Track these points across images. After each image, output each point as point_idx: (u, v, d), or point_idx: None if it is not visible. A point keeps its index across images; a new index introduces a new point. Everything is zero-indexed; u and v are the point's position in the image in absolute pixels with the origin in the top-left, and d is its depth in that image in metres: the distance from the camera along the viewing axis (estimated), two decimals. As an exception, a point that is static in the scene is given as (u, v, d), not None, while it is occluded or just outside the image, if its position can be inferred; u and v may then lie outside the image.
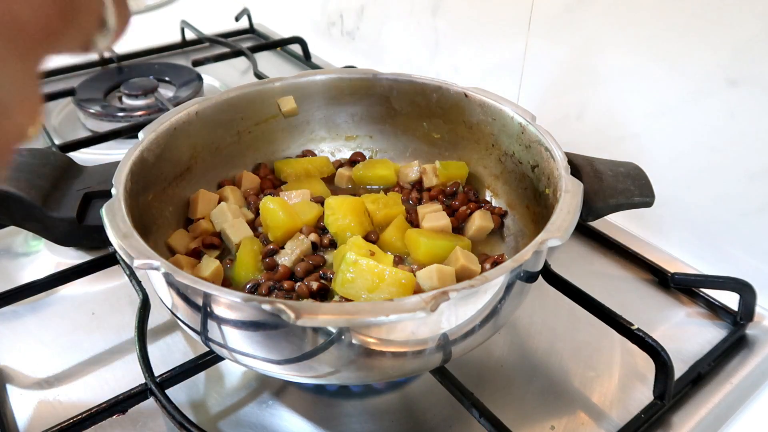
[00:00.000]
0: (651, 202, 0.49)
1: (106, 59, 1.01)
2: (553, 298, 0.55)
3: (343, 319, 0.32)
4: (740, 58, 0.52)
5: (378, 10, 0.95)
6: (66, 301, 0.57)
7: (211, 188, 0.57)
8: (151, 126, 0.50)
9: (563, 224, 0.39)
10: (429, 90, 0.58)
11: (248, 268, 0.48)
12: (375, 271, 0.43)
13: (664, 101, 0.60)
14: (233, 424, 0.46)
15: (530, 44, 0.72)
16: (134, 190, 0.44)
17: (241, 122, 0.58)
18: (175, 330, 0.54)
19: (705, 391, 0.49)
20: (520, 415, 0.46)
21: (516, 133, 0.52)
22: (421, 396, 0.48)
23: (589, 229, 0.65)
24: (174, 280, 0.35)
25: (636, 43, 0.60)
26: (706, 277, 0.58)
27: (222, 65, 1.00)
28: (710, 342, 0.53)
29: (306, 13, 1.13)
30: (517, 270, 0.37)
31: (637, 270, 0.61)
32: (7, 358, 0.51)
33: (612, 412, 0.47)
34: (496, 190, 0.57)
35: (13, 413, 0.47)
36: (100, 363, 0.51)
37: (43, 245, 0.64)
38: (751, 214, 0.56)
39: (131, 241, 0.37)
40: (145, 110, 0.85)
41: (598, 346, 0.53)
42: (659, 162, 0.61)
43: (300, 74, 0.60)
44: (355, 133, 0.64)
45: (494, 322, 0.40)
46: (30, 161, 0.46)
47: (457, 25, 0.82)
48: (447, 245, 0.50)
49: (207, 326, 0.37)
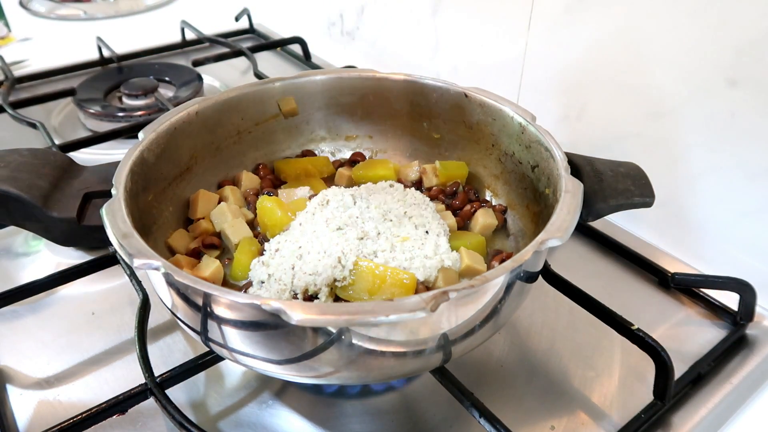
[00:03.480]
0: (651, 202, 0.49)
1: (106, 59, 1.01)
2: (553, 298, 0.55)
3: (343, 319, 0.32)
4: (740, 58, 0.52)
5: (378, 10, 0.95)
6: (66, 301, 0.57)
7: (211, 188, 0.57)
8: (151, 126, 0.50)
9: (563, 224, 0.39)
10: (429, 90, 0.58)
11: (245, 268, 0.48)
12: (376, 273, 0.43)
13: (664, 101, 0.60)
14: (233, 424, 0.46)
15: (530, 44, 0.72)
16: (134, 190, 0.44)
17: (241, 122, 0.58)
18: (175, 330, 0.54)
19: (705, 391, 0.49)
20: (520, 415, 0.46)
21: (516, 133, 0.52)
22: (421, 396, 0.48)
23: (589, 229, 0.65)
24: (174, 280, 0.35)
25: (636, 43, 0.60)
26: (706, 277, 0.58)
27: (222, 65, 1.00)
28: (710, 342, 0.53)
29: (306, 13, 1.13)
30: (517, 270, 0.37)
31: (637, 270, 0.61)
32: (7, 358, 0.51)
33: (612, 412, 0.47)
34: (496, 190, 0.57)
35: (13, 413, 0.47)
36: (100, 363, 0.51)
37: (43, 245, 0.64)
38: (751, 214, 0.56)
39: (131, 241, 0.37)
40: (145, 110, 0.85)
41: (598, 346, 0.53)
42: (659, 162, 0.61)
43: (300, 74, 0.60)
44: (355, 133, 0.64)
45: (494, 322, 0.40)
46: (30, 161, 0.46)
47: (457, 25, 0.82)
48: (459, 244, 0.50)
49: (207, 326, 0.37)
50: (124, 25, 1.25)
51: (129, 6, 1.30)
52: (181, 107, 0.53)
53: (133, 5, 1.31)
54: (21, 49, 1.12)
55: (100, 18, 1.27)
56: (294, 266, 0.45)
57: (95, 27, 1.22)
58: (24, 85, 0.96)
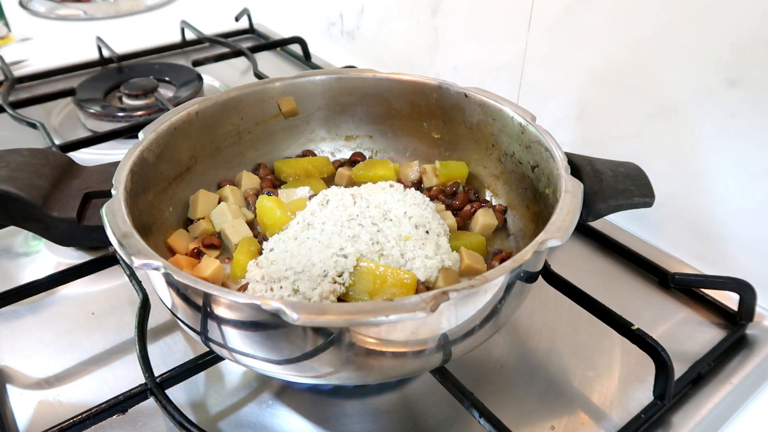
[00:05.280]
0: (651, 202, 0.49)
1: (106, 59, 1.01)
2: (553, 298, 0.55)
3: (343, 319, 0.32)
4: (740, 58, 0.52)
5: (378, 10, 0.95)
6: (66, 301, 0.57)
7: (211, 188, 0.57)
8: (151, 126, 0.50)
9: (563, 224, 0.39)
10: (429, 90, 0.58)
11: (245, 268, 0.48)
12: (377, 273, 0.43)
13: (664, 101, 0.60)
14: (233, 424, 0.46)
15: (530, 44, 0.72)
16: (134, 190, 0.44)
17: (241, 122, 0.58)
18: (175, 330, 0.54)
19: (705, 391, 0.49)
20: (520, 415, 0.46)
21: (516, 133, 0.52)
22: (421, 396, 0.48)
23: (589, 229, 0.65)
24: (174, 280, 0.35)
25: (636, 43, 0.60)
26: (706, 277, 0.58)
27: (222, 65, 1.00)
28: (710, 342, 0.53)
29: (306, 13, 1.13)
30: (517, 270, 0.37)
31: (637, 270, 0.61)
32: (7, 358, 0.51)
33: (612, 412, 0.47)
34: (496, 190, 0.57)
35: (13, 413, 0.47)
36: (100, 363, 0.51)
37: (43, 245, 0.64)
38: (751, 214, 0.56)
39: (131, 241, 0.37)
40: (145, 110, 0.85)
41: (598, 346, 0.53)
42: (659, 162, 0.61)
43: (300, 74, 0.60)
44: (355, 133, 0.64)
45: (494, 322, 0.40)
46: (30, 161, 0.46)
47: (457, 25, 0.82)
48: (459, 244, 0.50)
49: (207, 326, 0.37)
50: (124, 25, 1.25)
51: (129, 6, 1.30)
52: (181, 107, 0.53)
53: (133, 5, 1.31)
54: (21, 49, 1.12)
55: (100, 18, 1.27)
56: (290, 267, 0.44)
57: (95, 27, 1.22)
58: (24, 85, 0.96)
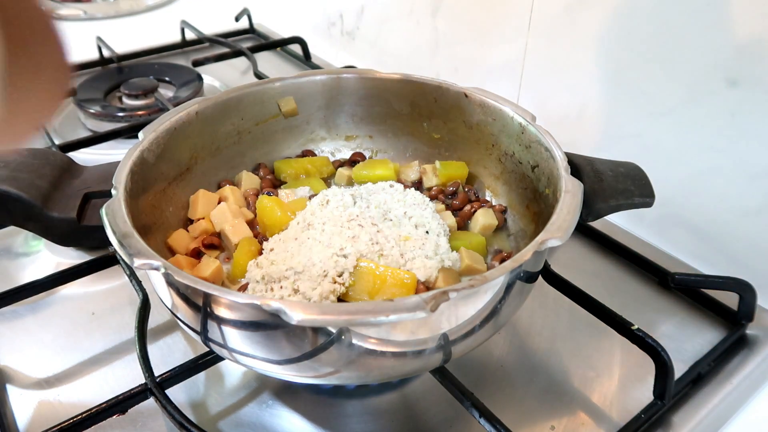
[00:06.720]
0: (651, 202, 0.49)
1: (106, 59, 1.01)
2: (553, 298, 0.55)
3: (343, 319, 0.32)
4: (740, 58, 0.52)
5: (378, 10, 0.95)
6: (66, 301, 0.57)
7: (211, 188, 0.57)
8: (151, 126, 0.50)
9: (563, 224, 0.39)
10: (429, 90, 0.58)
11: (245, 268, 0.48)
12: (377, 273, 0.43)
13: (664, 101, 0.60)
14: (233, 424, 0.46)
15: (530, 44, 0.72)
16: (134, 190, 0.44)
17: (241, 122, 0.58)
18: (175, 330, 0.54)
19: (705, 391, 0.49)
20: (520, 415, 0.46)
21: (516, 133, 0.52)
22: (421, 396, 0.48)
23: (589, 229, 0.65)
24: (174, 280, 0.35)
25: (636, 43, 0.60)
26: (706, 277, 0.58)
27: (222, 65, 1.00)
28: (710, 342, 0.53)
29: (306, 13, 1.13)
30: (517, 270, 0.37)
31: (637, 270, 0.61)
32: (7, 358, 0.51)
33: (612, 412, 0.47)
34: (496, 190, 0.57)
35: (13, 413, 0.47)
36: (100, 363, 0.51)
37: (43, 245, 0.64)
38: (751, 214, 0.56)
39: (131, 241, 0.37)
40: (145, 110, 0.85)
41: (598, 346, 0.53)
42: (659, 162, 0.61)
43: (300, 74, 0.60)
44: (355, 133, 0.64)
45: (494, 322, 0.40)
46: (30, 161, 0.46)
47: (457, 25, 0.82)
48: (459, 244, 0.50)
49: (207, 326, 0.37)
50: (124, 25, 1.25)
51: (129, 6, 1.30)
52: (181, 107, 0.53)
53: (133, 5, 1.31)
54: (21, 49, 1.12)
55: (100, 18, 1.27)
56: (290, 267, 0.44)
57: (95, 27, 1.22)
58: (24, 85, 0.96)
